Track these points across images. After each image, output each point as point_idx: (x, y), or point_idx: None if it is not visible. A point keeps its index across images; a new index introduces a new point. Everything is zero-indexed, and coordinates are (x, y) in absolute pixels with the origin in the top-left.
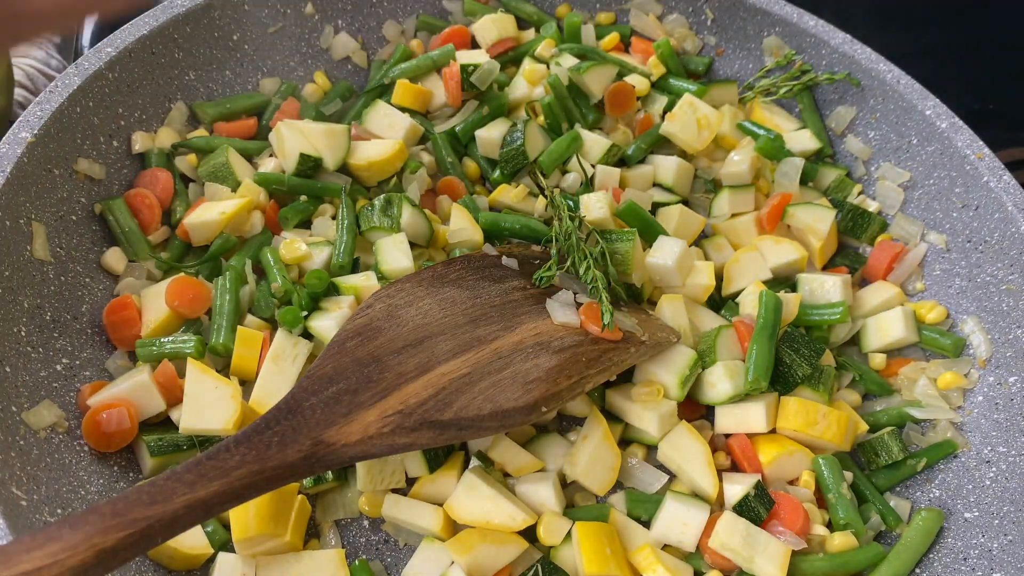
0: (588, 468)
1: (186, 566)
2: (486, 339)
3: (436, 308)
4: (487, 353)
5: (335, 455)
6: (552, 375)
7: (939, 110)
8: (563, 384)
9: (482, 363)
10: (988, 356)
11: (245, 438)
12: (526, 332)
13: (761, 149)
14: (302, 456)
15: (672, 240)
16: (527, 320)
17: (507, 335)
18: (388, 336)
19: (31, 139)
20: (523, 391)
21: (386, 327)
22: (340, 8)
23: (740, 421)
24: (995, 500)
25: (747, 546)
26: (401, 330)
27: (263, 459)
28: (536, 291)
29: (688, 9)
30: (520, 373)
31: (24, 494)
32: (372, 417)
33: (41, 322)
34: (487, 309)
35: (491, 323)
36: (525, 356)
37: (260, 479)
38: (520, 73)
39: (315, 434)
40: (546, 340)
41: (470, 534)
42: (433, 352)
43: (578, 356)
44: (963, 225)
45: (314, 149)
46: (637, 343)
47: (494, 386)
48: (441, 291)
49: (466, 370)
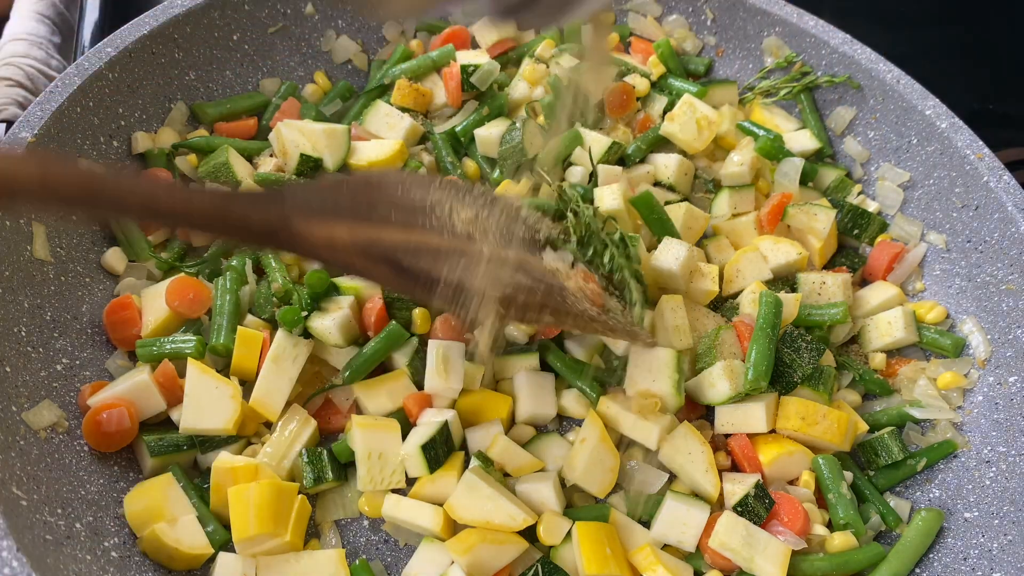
0: (587, 471)
1: (186, 566)
2: (474, 238)
3: (441, 202)
4: (472, 248)
5: (295, 242)
6: (517, 288)
7: (939, 110)
8: (519, 299)
9: (460, 249)
10: (987, 356)
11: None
12: (513, 255)
13: (761, 149)
14: (266, 225)
15: (677, 243)
16: (521, 250)
17: (495, 248)
18: (391, 196)
19: (31, 139)
20: (492, 283)
21: (393, 191)
22: (340, 8)
23: (740, 421)
24: (995, 500)
25: (747, 546)
26: (404, 199)
27: (229, 207)
28: (535, 239)
29: (688, 9)
30: (490, 272)
31: (24, 494)
32: (343, 232)
33: (41, 322)
34: (488, 226)
35: (488, 235)
36: (503, 265)
37: (217, 220)
38: (520, 73)
39: (287, 216)
40: (529, 267)
41: (470, 534)
42: (420, 221)
43: (550, 291)
44: (963, 225)
45: (314, 149)
46: (611, 321)
47: (462, 266)
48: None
49: (446, 246)
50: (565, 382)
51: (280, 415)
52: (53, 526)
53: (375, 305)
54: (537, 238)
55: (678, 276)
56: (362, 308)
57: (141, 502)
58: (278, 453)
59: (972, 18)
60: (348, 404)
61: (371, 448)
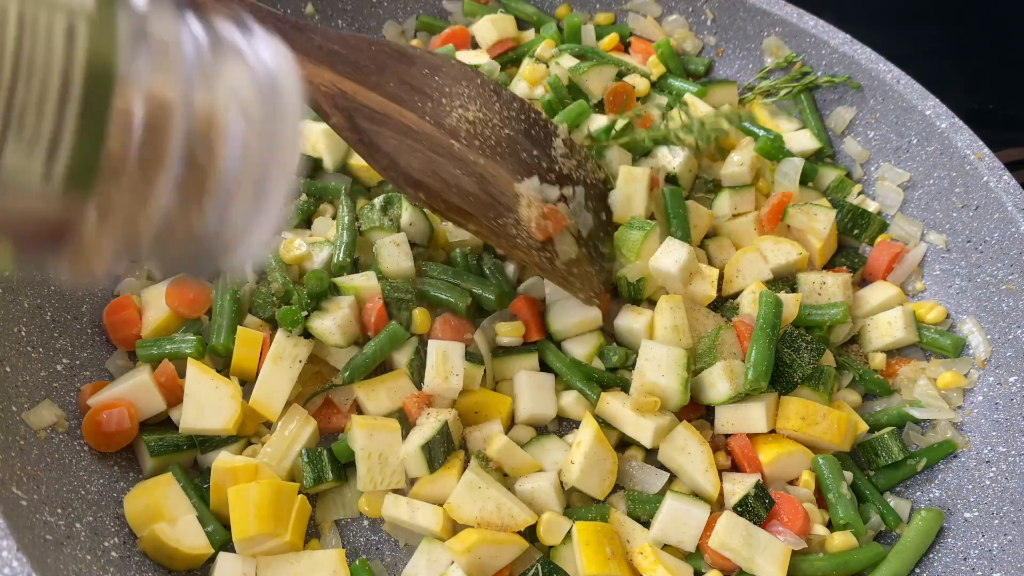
0: (585, 473)
1: (186, 566)
2: (457, 135)
3: (461, 96)
4: (445, 139)
5: None
6: (459, 190)
7: (939, 110)
8: (453, 200)
9: (432, 137)
10: (987, 356)
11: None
12: (487, 162)
13: (761, 149)
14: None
15: (679, 245)
16: (501, 164)
17: (473, 152)
18: (409, 72)
19: None
20: (428, 172)
21: (418, 69)
22: (340, 8)
23: (740, 421)
24: (995, 500)
25: (747, 546)
26: (421, 79)
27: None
28: (537, 167)
29: (688, 9)
30: (443, 165)
31: (24, 494)
32: (328, 75)
33: (41, 322)
34: (488, 133)
35: (476, 139)
36: (463, 166)
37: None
38: (520, 73)
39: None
40: (492, 179)
41: (470, 534)
42: (416, 101)
43: (497, 211)
44: (963, 225)
45: (314, 149)
46: (539, 258)
47: (414, 151)
48: (483, 95)
49: (416, 128)
50: (565, 383)
51: (280, 415)
52: (53, 526)
53: (375, 305)
54: (533, 162)
55: (676, 278)
56: (362, 308)
57: (141, 502)
58: (278, 453)
59: (972, 18)
60: (348, 404)
61: (371, 448)
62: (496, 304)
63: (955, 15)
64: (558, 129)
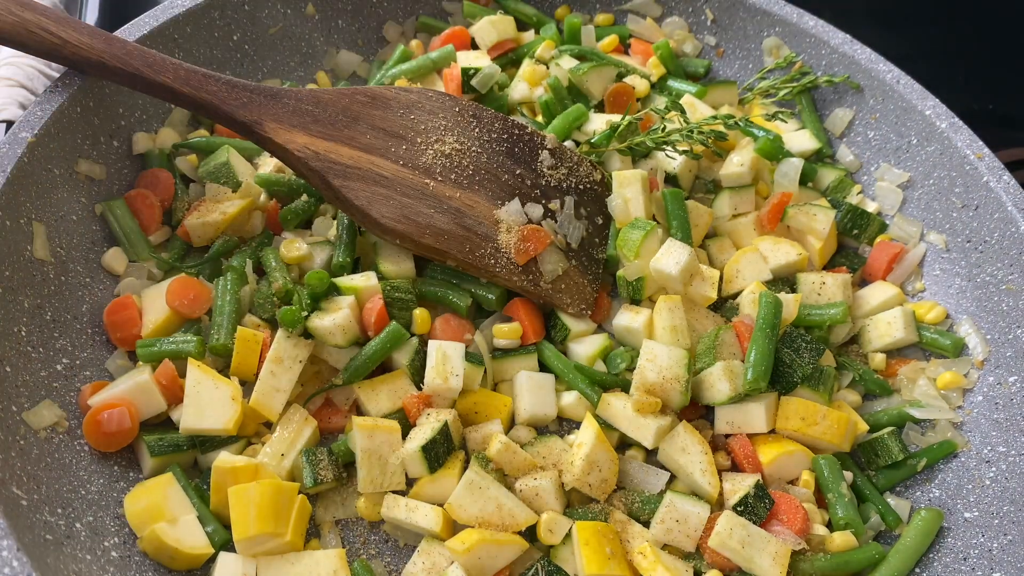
0: (585, 474)
1: (187, 566)
2: (432, 173)
3: (438, 129)
4: (419, 180)
5: (259, 138)
6: (433, 229)
7: (939, 110)
8: (426, 241)
9: (406, 180)
10: (985, 357)
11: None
12: (464, 194)
13: (760, 150)
14: (241, 121)
15: (680, 247)
16: (479, 192)
17: (449, 187)
18: (382, 116)
19: (31, 139)
20: (400, 218)
21: (393, 110)
22: (340, 8)
23: (740, 421)
24: (995, 500)
25: (747, 546)
26: (395, 120)
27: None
28: (520, 187)
29: (688, 10)
30: (416, 208)
31: (24, 493)
32: (301, 139)
33: (41, 322)
34: (467, 162)
35: (452, 172)
36: (438, 203)
37: (198, 99)
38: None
39: (264, 117)
40: (468, 210)
41: (470, 534)
42: (390, 147)
43: (473, 243)
44: (963, 225)
45: None
46: (521, 281)
47: (388, 199)
48: (461, 124)
49: (389, 175)
50: (566, 383)
51: (280, 415)
52: (53, 526)
53: (375, 305)
54: (516, 183)
55: (677, 280)
56: (362, 308)
57: (141, 502)
58: (278, 453)
59: (972, 18)
60: (348, 404)
61: (371, 450)
62: (496, 304)
63: (955, 15)
64: (545, 140)
